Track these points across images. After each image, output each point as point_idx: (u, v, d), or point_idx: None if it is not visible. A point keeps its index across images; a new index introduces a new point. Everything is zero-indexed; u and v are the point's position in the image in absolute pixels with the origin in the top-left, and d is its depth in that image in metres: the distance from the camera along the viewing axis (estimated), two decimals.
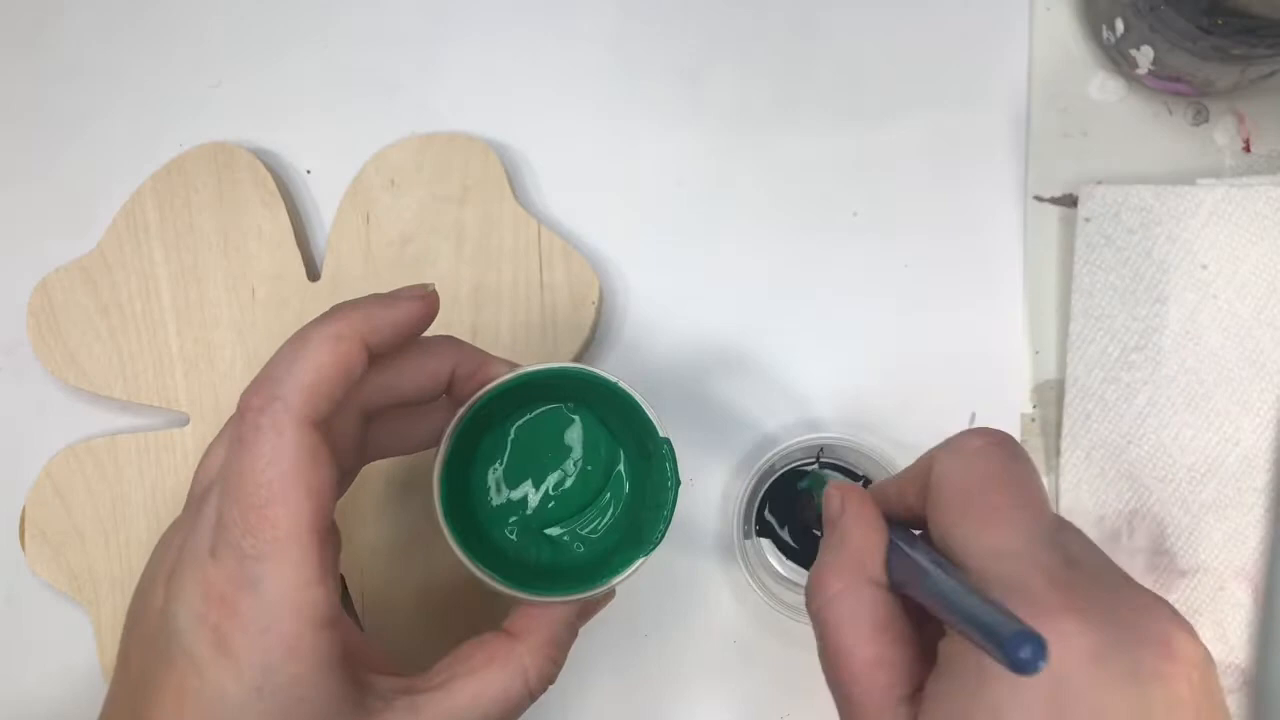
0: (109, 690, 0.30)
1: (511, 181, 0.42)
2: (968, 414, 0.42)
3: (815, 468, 0.40)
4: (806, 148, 0.43)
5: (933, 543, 0.28)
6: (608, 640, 0.41)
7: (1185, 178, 0.41)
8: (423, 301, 0.30)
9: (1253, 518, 0.40)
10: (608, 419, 0.34)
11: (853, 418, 0.42)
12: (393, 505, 0.40)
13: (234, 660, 0.26)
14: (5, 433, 0.44)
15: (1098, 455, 0.40)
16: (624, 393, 0.32)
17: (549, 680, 0.31)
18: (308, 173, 0.44)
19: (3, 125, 0.46)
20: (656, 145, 0.44)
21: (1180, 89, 0.42)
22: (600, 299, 0.41)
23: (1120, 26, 0.40)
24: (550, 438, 0.34)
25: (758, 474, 0.39)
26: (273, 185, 0.42)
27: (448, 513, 0.31)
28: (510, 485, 0.34)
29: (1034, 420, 0.42)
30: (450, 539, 0.31)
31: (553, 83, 0.44)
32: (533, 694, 0.31)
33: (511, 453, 0.34)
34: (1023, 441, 0.41)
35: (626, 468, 0.34)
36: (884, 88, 0.43)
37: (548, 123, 0.44)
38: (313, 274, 0.42)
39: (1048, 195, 0.42)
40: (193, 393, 0.42)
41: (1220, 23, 0.36)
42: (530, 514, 0.34)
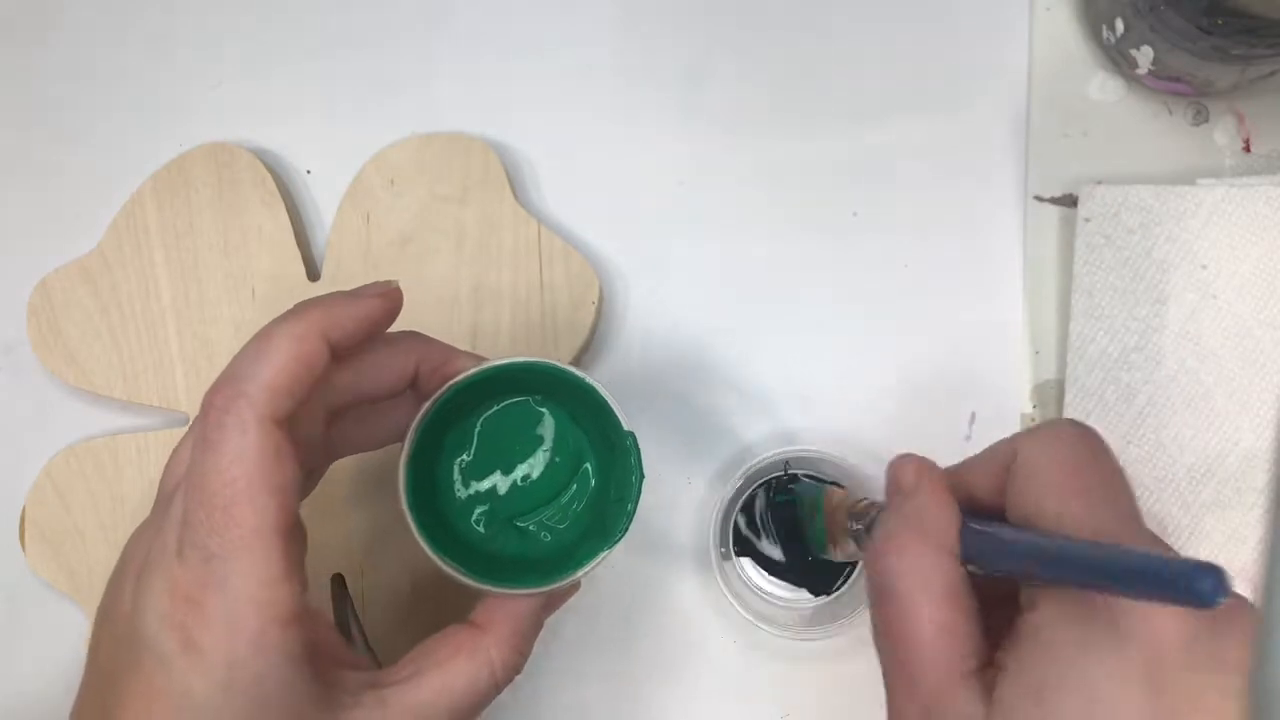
0: (80, 689, 0.31)
1: (511, 181, 0.42)
2: (968, 414, 0.42)
3: (803, 477, 0.40)
4: (806, 148, 0.43)
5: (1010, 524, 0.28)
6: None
7: (1185, 178, 0.41)
8: (385, 298, 0.30)
9: (1253, 518, 0.40)
10: (575, 413, 0.34)
11: (853, 418, 0.42)
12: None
13: (201, 658, 0.26)
14: (5, 433, 0.44)
15: None
16: (589, 387, 0.32)
17: (515, 670, 0.32)
18: (308, 173, 0.44)
19: (3, 125, 0.46)
20: (656, 145, 0.44)
21: (1180, 89, 0.42)
22: (600, 299, 0.41)
23: (1120, 26, 0.40)
24: (517, 430, 0.34)
25: (731, 490, 0.39)
26: (273, 185, 0.42)
27: (413, 507, 0.31)
28: (477, 477, 0.34)
29: (1034, 420, 0.42)
30: (416, 533, 0.31)
31: (553, 83, 0.44)
32: (498, 685, 0.31)
33: (479, 445, 0.34)
34: None
35: (593, 461, 0.34)
36: (884, 88, 0.43)
37: (548, 123, 0.44)
38: (313, 274, 0.42)
39: (1048, 195, 0.42)
40: (193, 393, 0.42)
41: (1220, 23, 0.36)
42: (498, 505, 0.34)
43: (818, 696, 0.41)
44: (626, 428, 0.32)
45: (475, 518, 0.34)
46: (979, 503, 0.29)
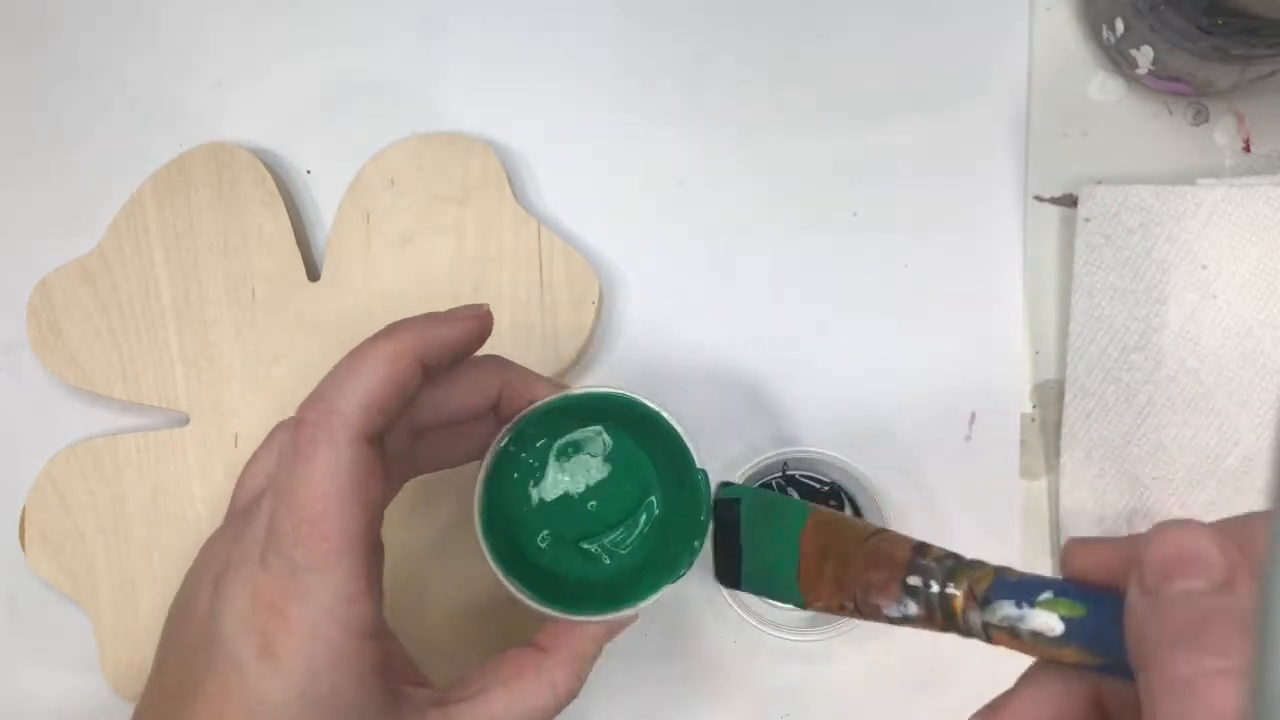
0: (147, 688, 0.31)
1: (511, 181, 0.42)
2: (968, 414, 0.42)
3: (800, 479, 0.40)
4: (806, 148, 0.43)
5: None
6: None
7: (1185, 178, 0.41)
8: (478, 320, 0.31)
9: None
10: (646, 444, 0.35)
11: (852, 418, 0.42)
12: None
13: (279, 666, 0.27)
14: (5, 433, 0.44)
15: (1098, 455, 0.40)
16: (664, 421, 0.33)
17: (573, 695, 0.32)
18: (308, 173, 0.44)
19: (3, 125, 0.46)
20: (656, 145, 0.44)
21: (1180, 89, 0.42)
22: (600, 299, 0.41)
23: (1120, 26, 0.40)
24: (589, 457, 0.35)
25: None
26: (273, 185, 0.42)
27: (486, 529, 0.32)
28: (547, 499, 0.34)
29: (1034, 420, 0.42)
30: (488, 556, 0.32)
31: (553, 83, 0.44)
32: (559, 708, 0.32)
33: (550, 469, 0.35)
34: (1022, 441, 0.41)
35: (658, 492, 0.35)
36: (884, 88, 0.43)
37: (548, 123, 0.44)
38: (313, 274, 0.42)
39: (1048, 195, 0.42)
40: (193, 393, 0.42)
41: (1220, 23, 0.36)
42: (564, 527, 0.34)
43: (818, 697, 0.41)
44: (699, 465, 0.33)
45: (541, 538, 0.34)
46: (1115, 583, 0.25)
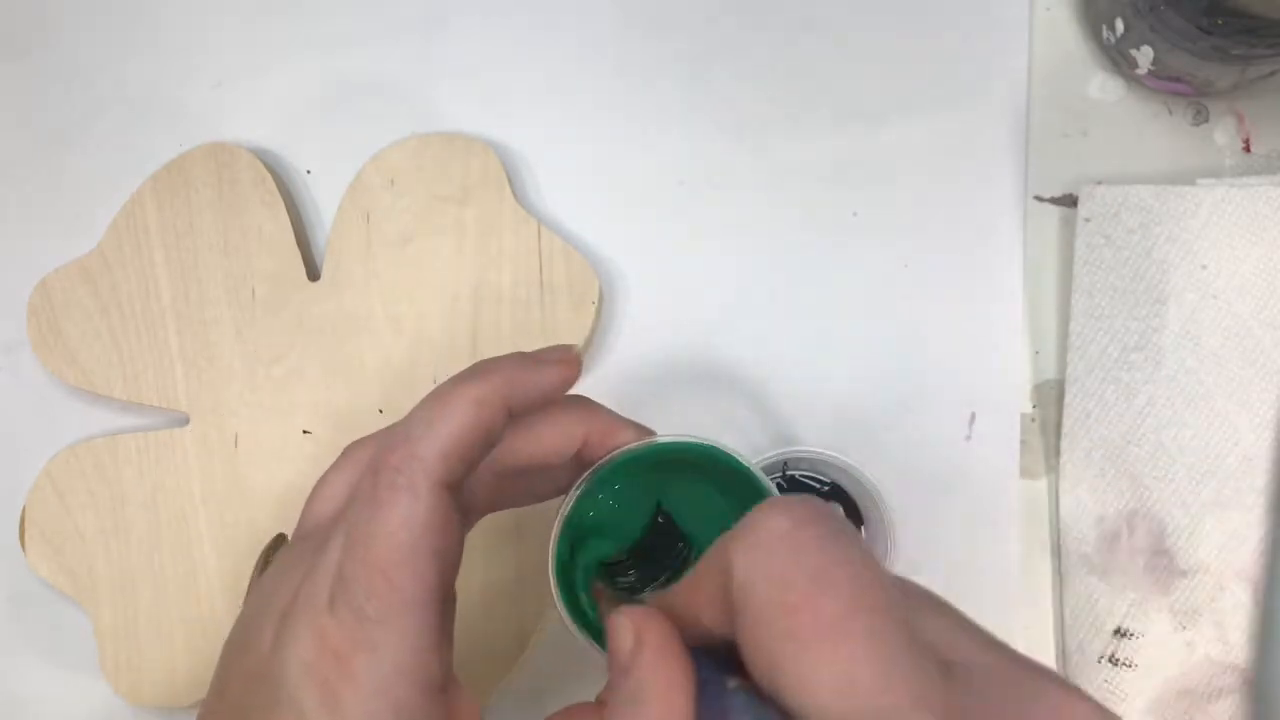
0: (203, 712, 0.30)
1: (511, 181, 0.42)
2: (968, 414, 0.42)
3: (800, 478, 0.40)
4: (806, 148, 0.43)
5: (756, 682, 0.21)
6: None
7: (1185, 178, 0.41)
8: (567, 365, 0.30)
9: (1253, 517, 0.40)
10: (730, 496, 0.33)
11: (852, 418, 0.42)
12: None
13: (340, 717, 0.26)
14: (5, 433, 0.44)
15: (1098, 455, 0.40)
16: (755, 478, 0.31)
17: None
18: (308, 173, 0.44)
19: (3, 126, 0.46)
20: (656, 145, 0.44)
21: (1180, 89, 0.42)
22: (600, 299, 0.41)
23: (1120, 26, 0.40)
24: (668, 507, 0.33)
25: None
26: (273, 185, 0.42)
27: (560, 576, 0.31)
28: (623, 548, 0.33)
29: (1034, 420, 0.42)
30: (561, 607, 0.31)
31: (553, 83, 0.44)
32: None
33: (625, 517, 0.33)
34: (1022, 441, 0.41)
35: None
36: (884, 88, 0.43)
37: (548, 123, 0.44)
38: (313, 274, 0.42)
39: (1048, 195, 0.42)
40: (193, 393, 0.42)
41: (1220, 23, 0.36)
42: (635, 580, 0.33)
43: None
44: None
45: (618, 585, 0.33)
46: (721, 638, 0.22)
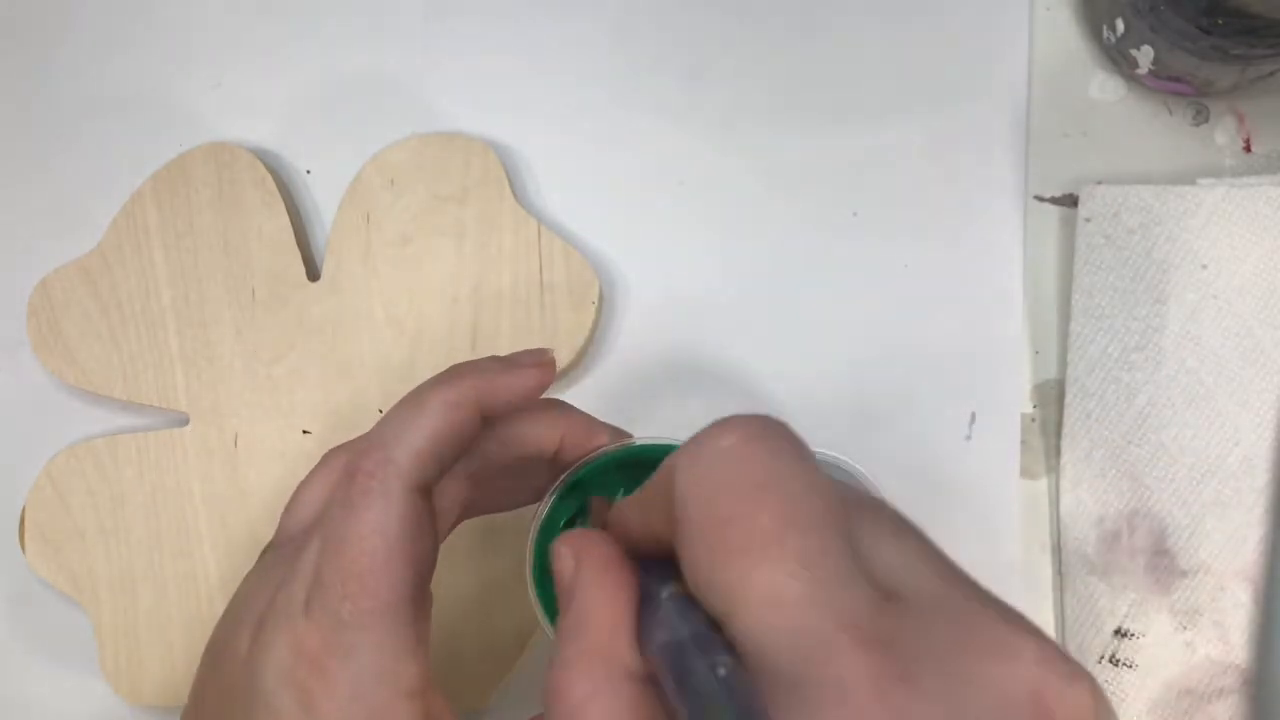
0: (184, 717, 0.30)
1: (511, 181, 0.42)
2: (968, 414, 0.42)
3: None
4: (806, 148, 0.43)
5: (691, 592, 0.21)
6: None
7: (1185, 178, 0.41)
8: (541, 369, 0.30)
9: (1253, 517, 0.40)
10: None
11: (852, 418, 0.42)
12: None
13: None
14: (5, 433, 0.44)
15: (1098, 455, 0.40)
16: None
17: None
18: (308, 173, 0.44)
19: (2, 125, 0.46)
20: (656, 145, 0.44)
21: (1180, 89, 0.42)
22: (600, 299, 0.41)
23: (1120, 26, 0.40)
24: None
25: None
26: (273, 185, 0.42)
27: (539, 581, 0.31)
28: None
29: (1034, 420, 0.42)
30: (540, 613, 0.31)
31: (553, 82, 0.44)
32: None
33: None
34: (1022, 441, 0.41)
35: None
36: (884, 88, 0.43)
37: (548, 123, 0.44)
38: (313, 274, 0.42)
39: (1048, 195, 0.42)
40: (193, 393, 0.42)
41: (1220, 23, 0.36)
42: None
43: None
44: None
45: None
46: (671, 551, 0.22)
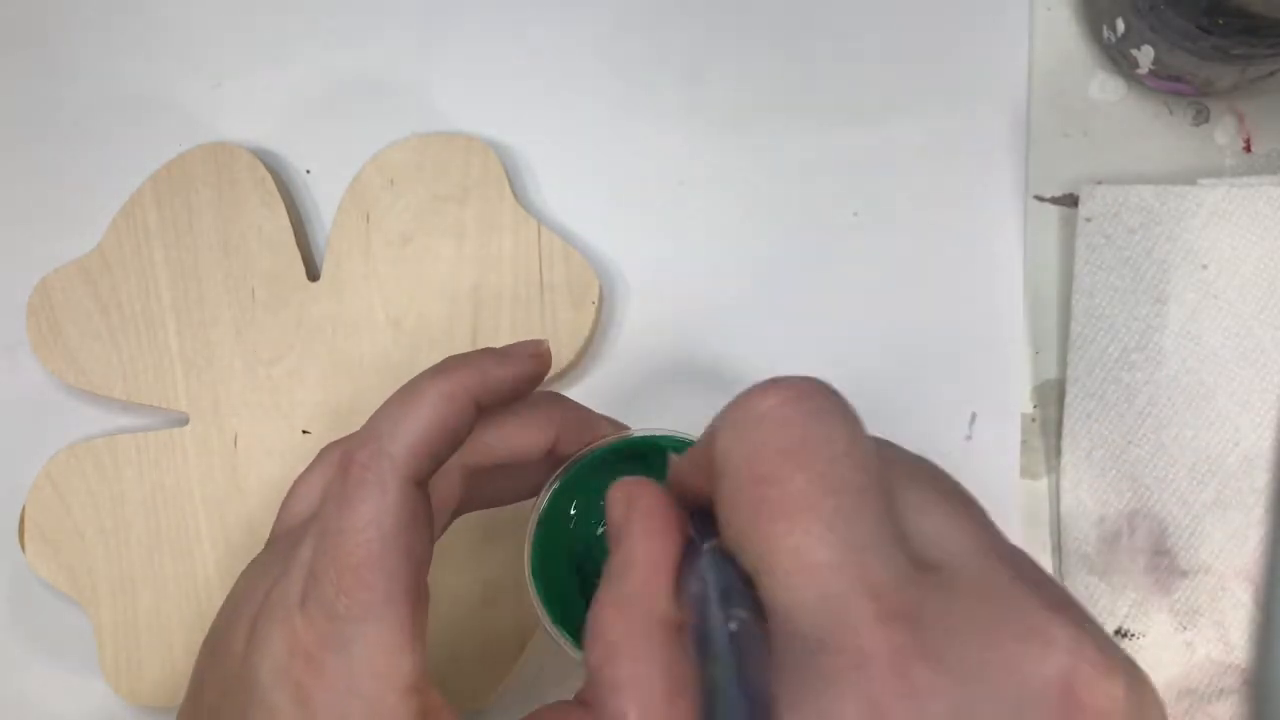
0: (181, 714, 0.30)
1: (511, 181, 0.42)
2: (968, 414, 0.42)
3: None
4: (806, 148, 0.43)
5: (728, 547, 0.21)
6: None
7: (1186, 177, 0.41)
8: (536, 360, 0.30)
9: (1253, 517, 0.40)
10: None
11: None
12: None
13: (312, 718, 0.26)
14: (5, 433, 0.44)
15: (1098, 455, 0.40)
16: None
17: None
18: (308, 173, 0.44)
19: (2, 125, 0.46)
20: (656, 145, 0.44)
21: (1181, 89, 0.42)
22: (600, 299, 0.41)
23: (1120, 26, 0.40)
24: None
25: None
26: (273, 185, 0.42)
27: (537, 574, 0.31)
28: (598, 544, 0.33)
29: (1034, 420, 0.42)
30: (539, 605, 0.31)
31: (553, 83, 0.44)
32: None
33: (602, 511, 0.33)
34: (1023, 441, 0.41)
35: None
36: (884, 88, 0.43)
37: (548, 123, 0.44)
38: (313, 274, 0.43)
39: (1048, 195, 0.42)
40: (193, 393, 0.42)
41: (1220, 23, 0.36)
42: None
43: None
44: None
45: (590, 584, 0.33)
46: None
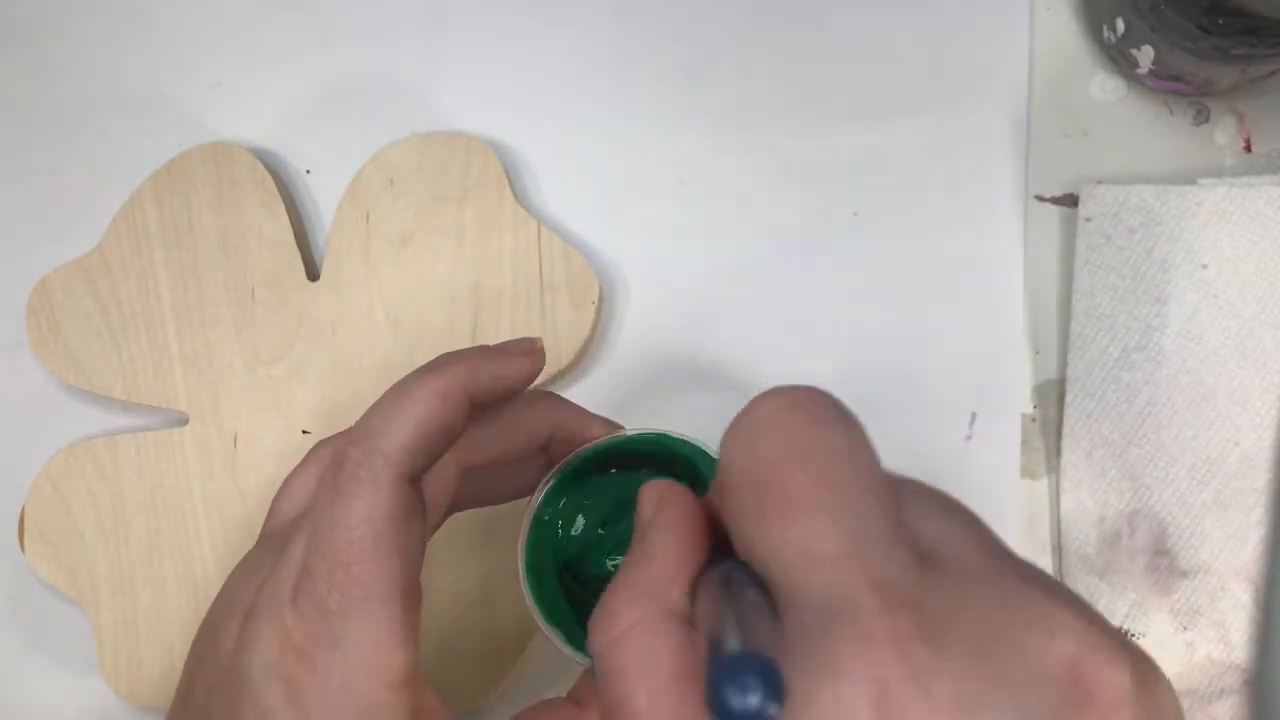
0: (171, 713, 0.30)
1: (511, 181, 0.42)
2: (968, 414, 0.42)
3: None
4: (806, 148, 0.43)
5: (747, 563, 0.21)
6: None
7: (1186, 177, 0.41)
8: (530, 358, 0.30)
9: (1253, 518, 0.40)
10: (702, 489, 0.33)
11: None
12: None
13: (305, 715, 0.26)
14: (5, 433, 0.44)
15: (1098, 455, 0.40)
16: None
17: None
18: (307, 173, 0.44)
19: (2, 125, 0.46)
20: (656, 145, 0.44)
21: (1181, 89, 0.41)
22: (600, 299, 0.41)
23: (1121, 26, 0.40)
24: (634, 501, 0.34)
25: None
26: (273, 185, 0.42)
27: (531, 573, 0.31)
28: (592, 544, 0.33)
29: (1034, 420, 0.42)
30: (532, 604, 0.31)
31: (553, 83, 0.44)
32: None
33: (596, 513, 0.33)
34: (1023, 442, 0.41)
35: None
36: (884, 88, 0.43)
37: (548, 123, 0.44)
38: (312, 274, 0.42)
39: (1048, 195, 0.42)
40: (192, 392, 0.42)
41: (1220, 23, 0.36)
42: (608, 575, 0.33)
43: None
44: None
45: (588, 585, 0.33)
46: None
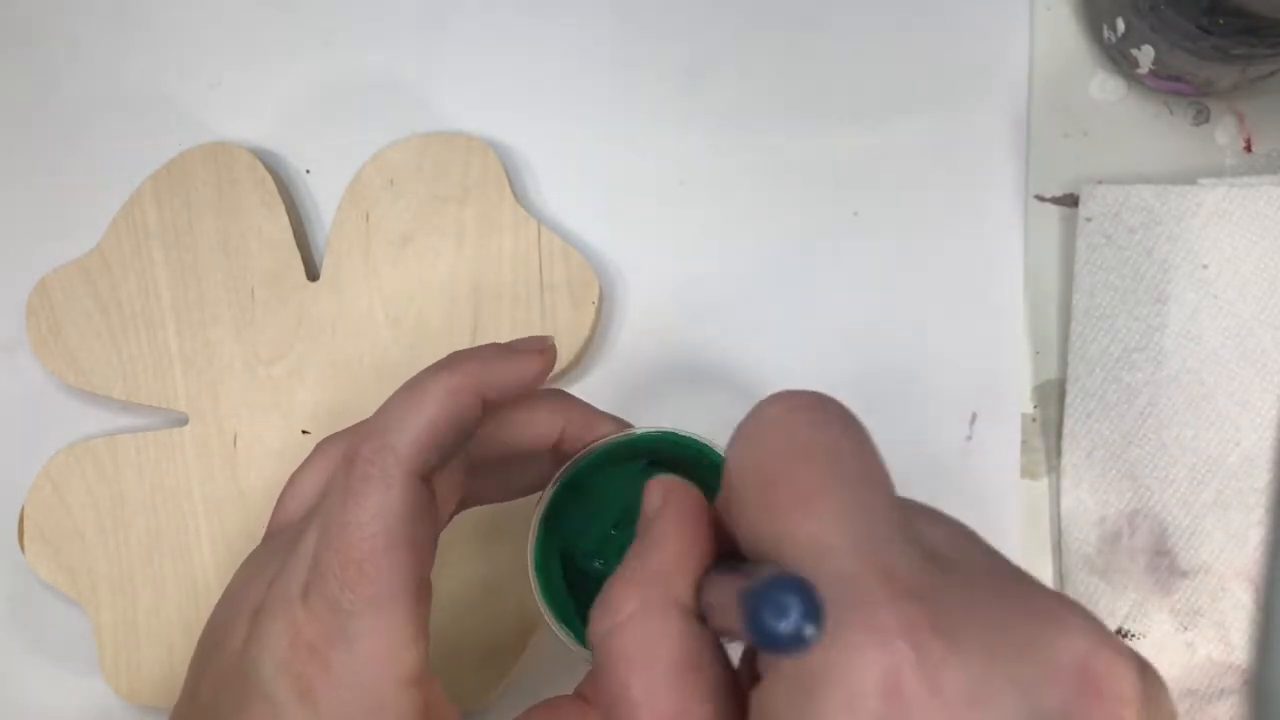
0: (175, 713, 0.30)
1: (511, 181, 0.42)
2: (968, 414, 0.42)
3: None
4: (807, 147, 0.43)
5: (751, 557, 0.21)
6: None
7: (1186, 177, 0.41)
8: (542, 356, 0.30)
9: (1254, 518, 0.40)
10: (708, 488, 0.33)
11: None
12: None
13: (316, 712, 0.26)
14: (5, 433, 0.44)
15: (1099, 455, 0.40)
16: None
17: None
18: (307, 173, 0.44)
19: (3, 125, 0.46)
20: (656, 145, 0.44)
21: (1181, 89, 0.41)
22: (600, 299, 0.41)
23: (1121, 26, 0.40)
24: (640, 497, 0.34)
25: None
26: (273, 185, 0.42)
27: (540, 570, 0.31)
28: (598, 541, 0.33)
29: (1034, 420, 0.42)
30: (541, 602, 0.31)
31: (553, 83, 0.44)
32: None
33: (604, 509, 0.33)
34: (1023, 442, 0.41)
35: None
36: (884, 88, 0.43)
37: (548, 123, 0.44)
38: (312, 274, 0.42)
39: (1048, 195, 0.42)
40: (192, 392, 0.42)
41: (1221, 23, 0.36)
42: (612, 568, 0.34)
43: None
44: None
45: (593, 581, 0.33)
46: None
